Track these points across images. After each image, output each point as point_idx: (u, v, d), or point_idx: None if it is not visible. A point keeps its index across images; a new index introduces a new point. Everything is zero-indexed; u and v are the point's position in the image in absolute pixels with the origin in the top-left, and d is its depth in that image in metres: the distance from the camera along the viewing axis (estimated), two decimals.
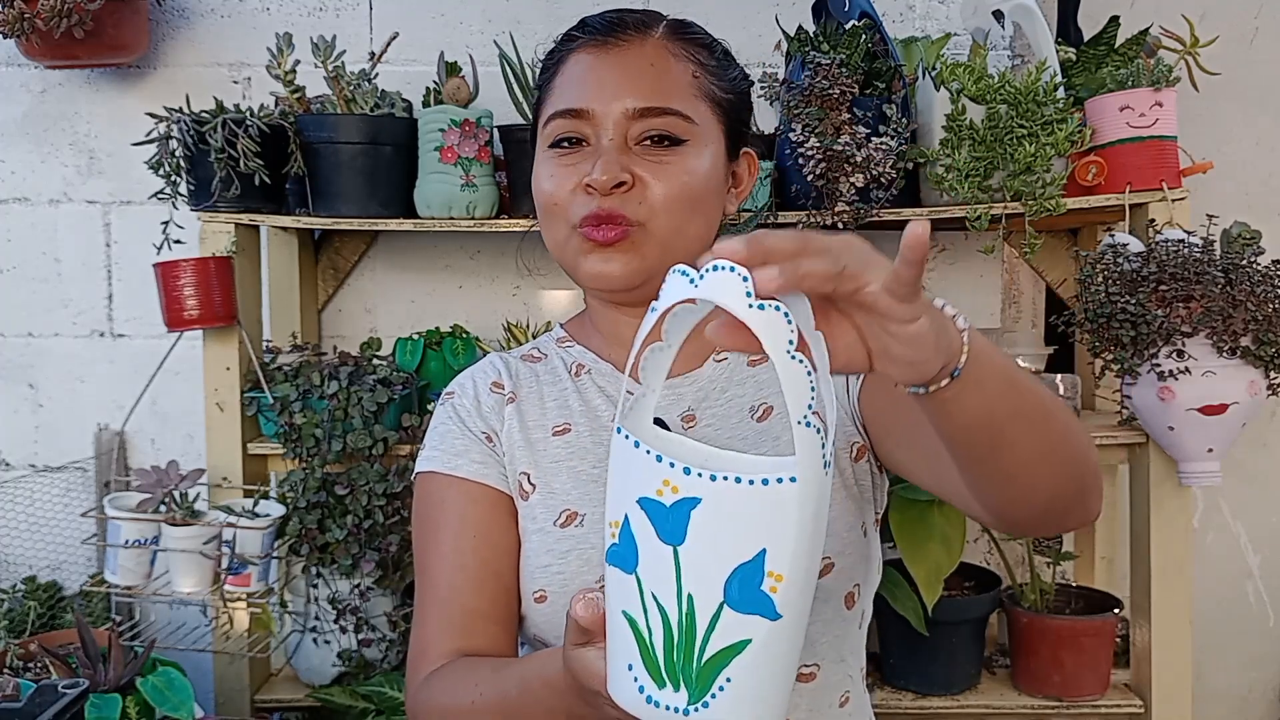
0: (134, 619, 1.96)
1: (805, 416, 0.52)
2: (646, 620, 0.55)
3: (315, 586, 1.83)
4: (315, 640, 1.84)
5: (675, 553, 0.53)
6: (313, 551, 1.77)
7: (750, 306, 0.52)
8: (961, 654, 1.83)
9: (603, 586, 0.61)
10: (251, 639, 1.79)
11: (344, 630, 1.82)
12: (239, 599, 1.72)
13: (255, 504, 1.73)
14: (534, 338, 1.30)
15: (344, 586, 1.81)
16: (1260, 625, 2.20)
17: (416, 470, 1.05)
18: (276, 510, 1.73)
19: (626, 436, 0.57)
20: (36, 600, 1.97)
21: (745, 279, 0.52)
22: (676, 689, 0.55)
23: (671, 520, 0.53)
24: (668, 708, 0.55)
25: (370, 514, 1.75)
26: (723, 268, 0.52)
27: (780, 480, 0.52)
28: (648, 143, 0.97)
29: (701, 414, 1.01)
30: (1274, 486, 2.18)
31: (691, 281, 0.53)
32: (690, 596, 0.53)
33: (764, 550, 0.52)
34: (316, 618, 1.83)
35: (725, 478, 0.52)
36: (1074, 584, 2.00)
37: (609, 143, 0.97)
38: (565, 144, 0.99)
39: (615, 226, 0.95)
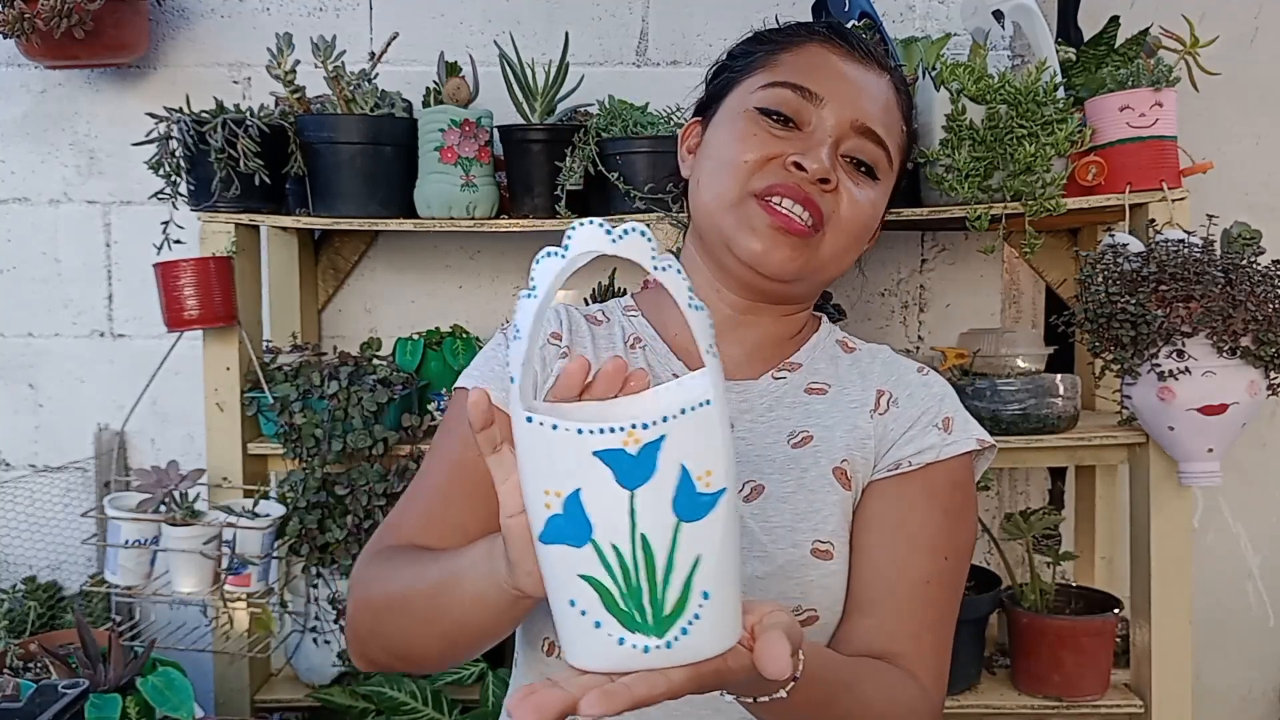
0: (134, 619, 1.96)
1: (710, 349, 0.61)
2: (610, 575, 0.59)
3: (315, 586, 1.83)
4: (315, 640, 1.84)
5: (632, 497, 0.58)
6: (313, 551, 1.77)
7: (656, 269, 0.59)
8: (961, 654, 1.82)
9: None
10: (251, 639, 1.79)
11: (344, 630, 1.82)
12: (239, 599, 1.72)
13: (255, 504, 1.73)
14: None
15: (344, 586, 1.81)
16: (1260, 625, 2.20)
17: (454, 386, 1.06)
18: (276, 510, 1.73)
19: (542, 423, 0.59)
20: (36, 600, 1.97)
21: (651, 241, 0.59)
22: (657, 628, 0.59)
23: (639, 464, 0.58)
24: (645, 649, 0.59)
25: (370, 514, 1.75)
26: (633, 231, 0.59)
27: (708, 402, 0.59)
28: (850, 161, 0.97)
29: (739, 424, 0.99)
30: (1274, 486, 2.18)
31: (609, 235, 0.59)
32: (644, 535, 0.58)
33: (684, 465, 0.59)
34: (316, 618, 1.83)
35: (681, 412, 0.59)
36: (1074, 584, 2.00)
37: (826, 136, 0.95)
38: (776, 116, 0.96)
39: (802, 220, 0.94)
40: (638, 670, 0.59)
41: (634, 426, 0.58)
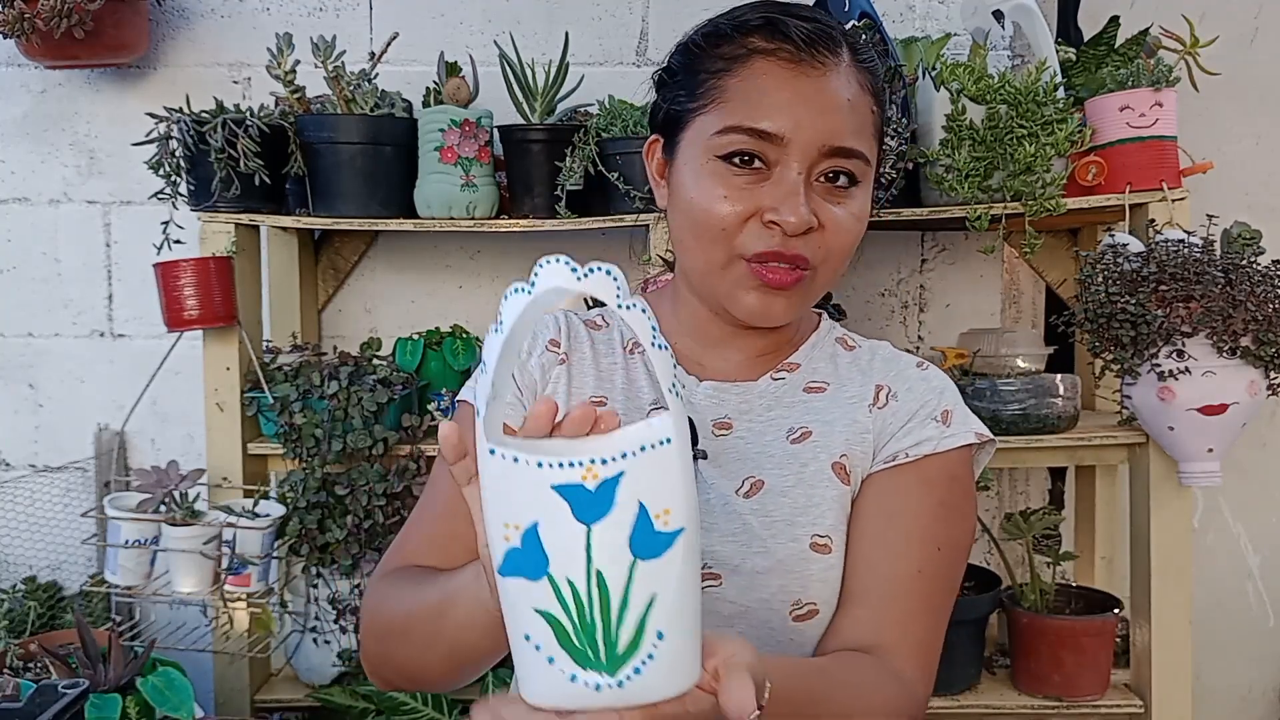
0: (134, 619, 1.96)
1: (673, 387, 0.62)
2: (565, 610, 0.59)
3: (315, 586, 1.83)
4: (315, 640, 1.84)
5: (589, 532, 0.58)
6: (313, 551, 1.77)
7: (621, 308, 0.60)
8: (961, 654, 1.83)
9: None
10: (251, 639, 1.79)
11: (344, 630, 1.82)
12: (239, 599, 1.72)
13: (255, 504, 1.73)
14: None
15: (344, 586, 1.81)
16: (1260, 625, 2.20)
17: (458, 399, 1.06)
18: (276, 510, 1.73)
19: (504, 456, 0.60)
20: (36, 600, 1.97)
21: (617, 279, 0.59)
22: (610, 666, 0.59)
23: (597, 500, 0.58)
24: (597, 687, 0.59)
25: (370, 514, 1.75)
26: (599, 270, 0.59)
27: (668, 441, 0.59)
28: (825, 178, 0.93)
29: (738, 424, 0.99)
30: (1274, 486, 2.18)
31: (575, 274, 0.60)
32: (599, 571, 0.58)
33: (642, 503, 0.59)
34: (316, 618, 1.83)
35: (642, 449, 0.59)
36: (1074, 584, 2.00)
37: (798, 177, 0.91)
38: (740, 160, 0.92)
39: (794, 271, 0.92)
40: (589, 708, 0.59)
41: (593, 462, 0.58)
